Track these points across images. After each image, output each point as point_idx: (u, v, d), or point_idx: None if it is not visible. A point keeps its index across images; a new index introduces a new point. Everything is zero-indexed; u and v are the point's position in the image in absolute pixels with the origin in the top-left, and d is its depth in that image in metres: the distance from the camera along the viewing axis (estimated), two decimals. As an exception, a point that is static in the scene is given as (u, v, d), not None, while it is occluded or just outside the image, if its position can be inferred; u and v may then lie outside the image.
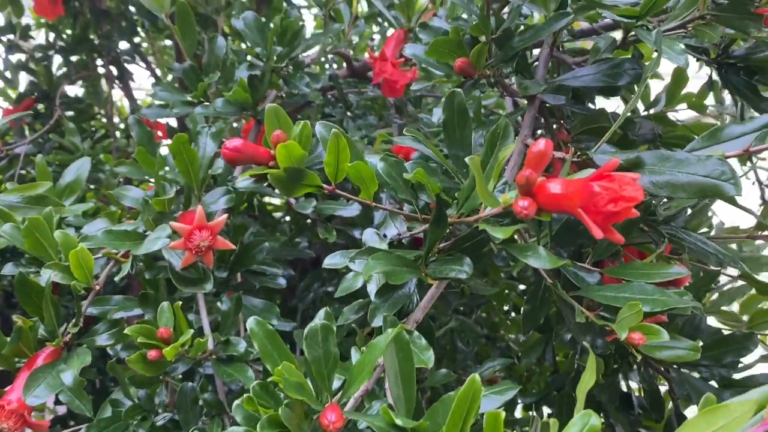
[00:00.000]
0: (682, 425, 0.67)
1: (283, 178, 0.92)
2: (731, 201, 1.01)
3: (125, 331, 1.21)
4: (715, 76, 1.46)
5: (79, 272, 1.24)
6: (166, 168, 1.61)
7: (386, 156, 1.02)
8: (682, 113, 1.80)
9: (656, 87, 2.03)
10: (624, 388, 1.93)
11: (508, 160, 1.12)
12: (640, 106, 1.83)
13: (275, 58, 1.63)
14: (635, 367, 1.61)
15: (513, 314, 2.98)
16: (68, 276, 1.26)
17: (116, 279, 1.32)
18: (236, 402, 0.89)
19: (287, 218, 2.87)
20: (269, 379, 0.87)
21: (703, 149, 0.96)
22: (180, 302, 1.27)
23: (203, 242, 1.31)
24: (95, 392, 2.65)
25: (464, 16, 1.35)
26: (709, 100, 2.05)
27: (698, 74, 2.18)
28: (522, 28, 1.13)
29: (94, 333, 1.31)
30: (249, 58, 1.75)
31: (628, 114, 1.20)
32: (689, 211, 1.45)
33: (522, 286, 3.01)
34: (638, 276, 1.03)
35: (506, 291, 2.86)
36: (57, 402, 2.72)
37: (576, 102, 1.30)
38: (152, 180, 1.76)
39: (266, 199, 3.07)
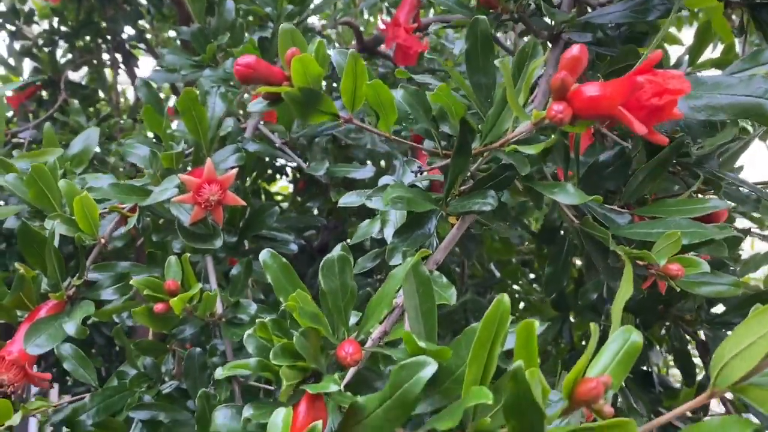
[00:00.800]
0: (733, 331, 0.61)
1: (298, 98, 0.87)
2: (774, 123, 0.95)
3: (131, 282, 1.16)
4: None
5: (84, 223, 1.19)
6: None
7: (405, 85, 0.97)
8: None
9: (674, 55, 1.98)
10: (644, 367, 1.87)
11: (533, 99, 1.07)
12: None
13: (286, 16, 1.59)
14: (664, 330, 1.55)
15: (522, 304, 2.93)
16: (72, 228, 1.21)
17: (122, 231, 1.27)
18: (248, 332, 0.84)
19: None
20: (282, 307, 0.82)
21: (744, 72, 0.91)
22: (188, 254, 1.21)
23: (213, 196, 1.26)
24: (101, 381, 2.60)
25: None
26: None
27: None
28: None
29: (99, 287, 1.26)
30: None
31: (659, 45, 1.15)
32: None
33: (532, 275, 2.96)
34: (673, 213, 0.97)
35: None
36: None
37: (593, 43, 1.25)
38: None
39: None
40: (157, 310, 1.17)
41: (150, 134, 1.87)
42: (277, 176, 2.88)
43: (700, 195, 1.18)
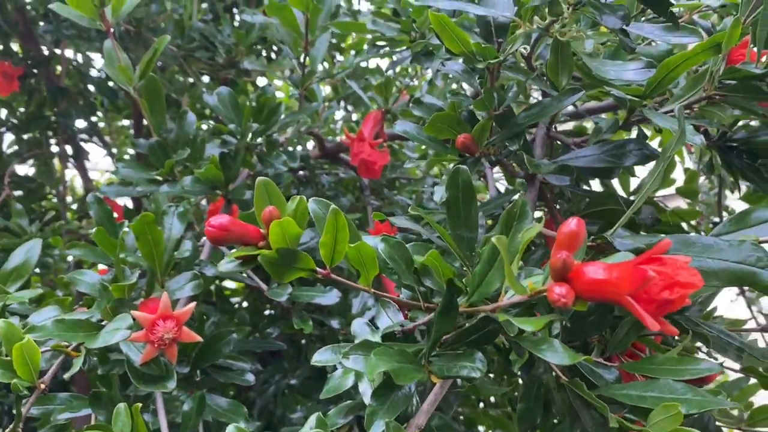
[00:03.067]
0: None
1: (275, 261, 0.81)
2: (767, 291, 0.94)
3: (72, 442, 1.04)
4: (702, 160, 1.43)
5: (23, 369, 1.07)
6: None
7: (386, 237, 0.92)
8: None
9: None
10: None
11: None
12: (622, 193, 1.79)
13: (251, 135, 1.54)
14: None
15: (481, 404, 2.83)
16: (9, 373, 1.08)
17: (66, 377, 1.15)
18: None
19: (245, 303, 2.71)
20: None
21: (731, 234, 0.90)
22: (140, 405, 1.10)
23: (167, 334, 1.17)
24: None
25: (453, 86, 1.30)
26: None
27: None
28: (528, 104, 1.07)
29: (34, 441, 1.12)
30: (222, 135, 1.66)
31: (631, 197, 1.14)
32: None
33: (491, 374, 2.87)
34: (663, 372, 0.93)
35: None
36: None
37: (570, 185, 1.24)
38: (106, 264, 1.61)
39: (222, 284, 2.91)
40: (100, 471, 1.05)
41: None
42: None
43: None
